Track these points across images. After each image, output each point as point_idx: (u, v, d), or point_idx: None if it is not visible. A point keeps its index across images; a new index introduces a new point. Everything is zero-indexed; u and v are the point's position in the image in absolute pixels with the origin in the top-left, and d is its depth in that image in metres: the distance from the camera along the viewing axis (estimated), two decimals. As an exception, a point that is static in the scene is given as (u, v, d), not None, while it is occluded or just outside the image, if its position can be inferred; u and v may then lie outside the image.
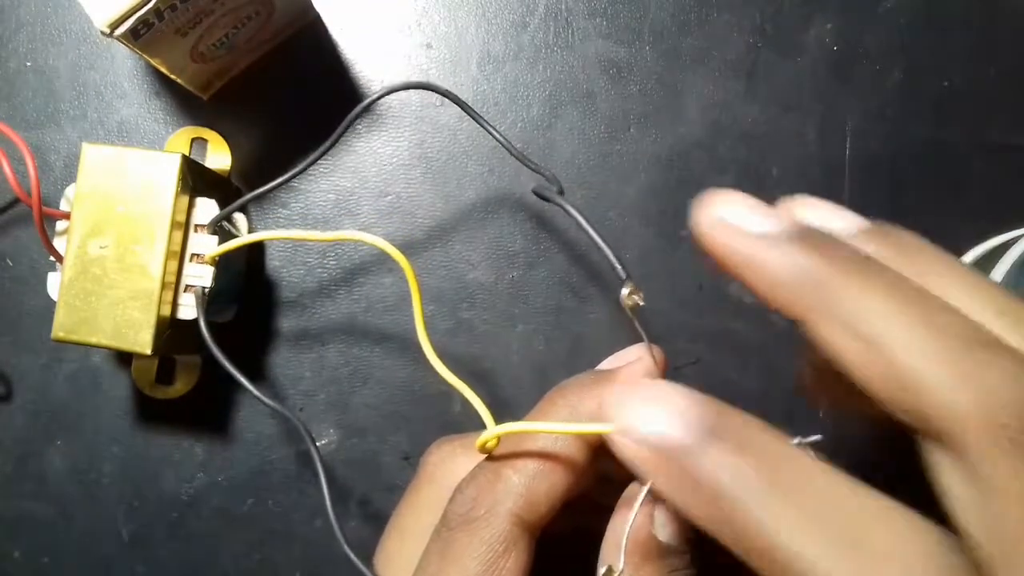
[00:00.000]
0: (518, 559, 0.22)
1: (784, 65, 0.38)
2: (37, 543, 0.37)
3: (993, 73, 0.39)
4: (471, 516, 0.23)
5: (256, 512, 0.37)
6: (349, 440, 0.37)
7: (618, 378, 0.24)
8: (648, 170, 0.38)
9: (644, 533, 0.22)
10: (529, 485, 0.23)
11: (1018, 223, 0.37)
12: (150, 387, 0.36)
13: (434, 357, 0.26)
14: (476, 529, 0.22)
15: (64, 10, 0.38)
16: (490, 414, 0.24)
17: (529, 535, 0.23)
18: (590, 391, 0.24)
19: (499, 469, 0.23)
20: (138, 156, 0.30)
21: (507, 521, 0.22)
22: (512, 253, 0.38)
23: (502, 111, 0.38)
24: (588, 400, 0.24)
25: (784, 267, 0.19)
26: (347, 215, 0.38)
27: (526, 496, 0.23)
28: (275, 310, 0.37)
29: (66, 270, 0.30)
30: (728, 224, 0.20)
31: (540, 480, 0.23)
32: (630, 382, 0.24)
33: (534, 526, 0.23)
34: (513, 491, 0.23)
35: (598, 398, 0.24)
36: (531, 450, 0.23)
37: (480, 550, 0.22)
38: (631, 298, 0.22)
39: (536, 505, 0.23)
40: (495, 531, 0.22)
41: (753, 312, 0.38)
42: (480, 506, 0.23)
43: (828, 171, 0.38)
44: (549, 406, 0.24)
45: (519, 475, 0.23)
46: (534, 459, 0.23)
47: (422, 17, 0.38)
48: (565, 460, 0.23)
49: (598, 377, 0.25)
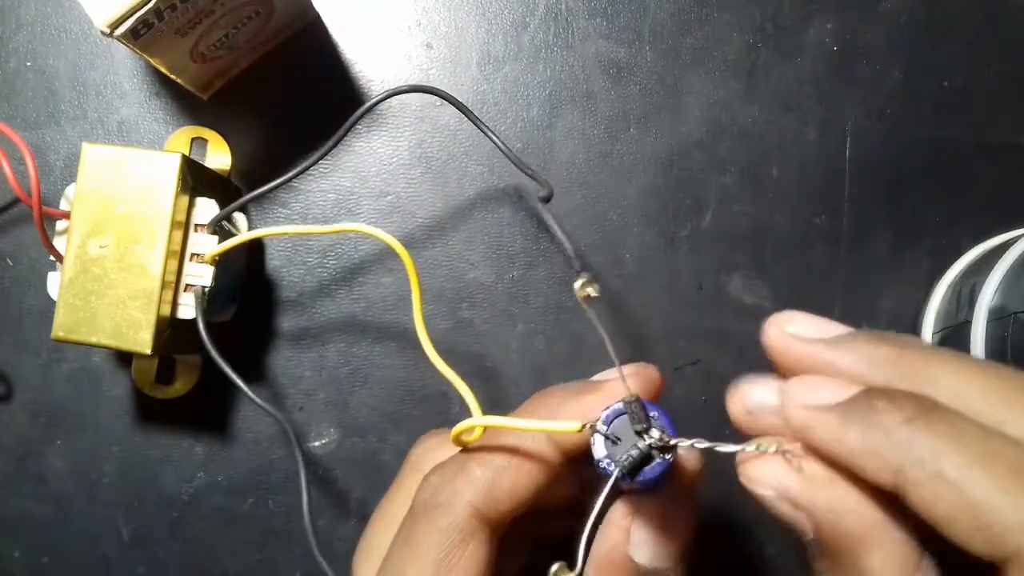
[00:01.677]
0: (476, 550, 0.23)
1: (784, 65, 0.38)
2: (37, 543, 0.37)
3: (993, 73, 0.39)
4: (432, 503, 0.23)
5: (256, 512, 0.37)
6: (349, 440, 0.37)
7: (603, 388, 0.24)
8: (648, 170, 0.38)
9: (619, 554, 0.23)
10: (491, 479, 0.23)
11: (1018, 223, 0.37)
12: (150, 387, 0.36)
13: (429, 345, 0.26)
14: (435, 516, 0.23)
15: (64, 10, 0.38)
16: (479, 405, 0.25)
17: (489, 529, 0.23)
18: (573, 398, 0.24)
19: (465, 461, 0.24)
20: (138, 156, 0.30)
21: (465, 511, 0.23)
22: (512, 253, 0.38)
23: (502, 111, 0.38)
24: (570, 405, 0.24)
25: (868, 440, 0.19)
26: (347, 215, 0.38)
27: (486, 490, 0.23)
28: (275, 310, 0.37)
29: (66, 270, 0.30)
30: (800, 410, 0.21)
31: (503, 475, 0.23)
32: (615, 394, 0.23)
33: (494, 521, 0.23)
34: (474, 483, 0.23)
35: (580, 404, 0.24)
36: (499, 445, 0.24)
37: (437, 537, 0.22)
38: (584, 289, 0.22)
39: (497, 501, 0.23)
40: (452, 520, 0.23)
41: (753, 312, 0.38)
42: (440, 494, 0.23)
43: (828, 171, 0.38)
44: (531, 407, 0.25)
45: (483, 468, 0.23)
46: (500, 454, 0.24)
47: (422, 17, 0.38)
48: (533, 459, 0.23)
49: (582, 386, 0.25)
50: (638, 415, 0.21)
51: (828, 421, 0.20)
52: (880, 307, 0.38)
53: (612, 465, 0.21)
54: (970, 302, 0.34)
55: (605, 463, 0.21)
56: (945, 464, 0.18)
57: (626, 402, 0.22)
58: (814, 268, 0.38)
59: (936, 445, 0.18)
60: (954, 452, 0.18)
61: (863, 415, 0.19)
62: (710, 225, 0.38)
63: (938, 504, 0.18)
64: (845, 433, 0.19)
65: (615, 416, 0.22)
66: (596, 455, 0.22)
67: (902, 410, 0.19)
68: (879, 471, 0.19)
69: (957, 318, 0.35)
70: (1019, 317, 0.31)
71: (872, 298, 0.38)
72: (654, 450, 0.21)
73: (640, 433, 0.21)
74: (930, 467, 0.18)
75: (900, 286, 0.38)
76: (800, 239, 0.38)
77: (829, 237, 0.38)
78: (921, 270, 0.38)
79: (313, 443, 0.37)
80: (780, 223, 0.38)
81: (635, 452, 0.21)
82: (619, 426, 0.22)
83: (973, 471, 0.18)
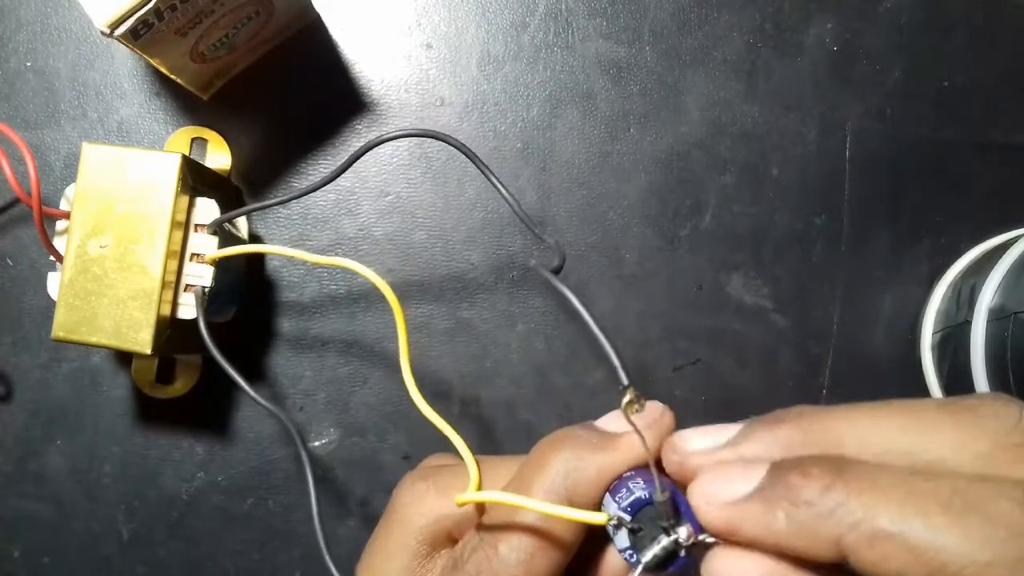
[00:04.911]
0: None
1: (784, 65, 0.38)
2: (37, 543, 0.37)
3: (993, 73, 0.39)
4: None
5: (256, 512, 0.37)
6: (349, 440, 0.37)
7: (619, 446, 0.23)
8: (648, 170, 0.38)
9: None
10: (527, 566, 0.22)
11: (1018, 223, 0.37)
12: (150, 387, 0.36)
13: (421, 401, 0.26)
14: None
15: (64, 10, 0.38)
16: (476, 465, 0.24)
17: None
18: (589, 456, 0.23)
19: (496, 545, 0.23)
20: (138, 156, 0.30)
21: None
22: (512, 253, 0.38)
23: (502, 111, 0.38)
24: (585, 465, 0.23)
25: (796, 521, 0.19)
26: (347, 215, 0.38)
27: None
28: (275, 310, 0.37)
29: (66, 270, 0.30)
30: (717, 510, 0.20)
31: (538, 560, 0.22)
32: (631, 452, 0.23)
33: None
34: (512, 572, 0.22)
35: (597, 466, 0.23)
36: (526, 526, 0.23)
37: None
38: (631, 408, 0.21)
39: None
40: None
41: (753, 312, 0.38)
42: None
43: (828, 171, 0.38)
44: (541, 465, 0.23)
45: (515, 554, 0.23)
46: (529, 537, 0.23)
47: (422, 17, 0.38)
48: (560, 539, 0.23)
49: (598, 440, 0.23)
50: (667, 512, 0.21)
51: (751, 513, 0.19)
52: (880, 307, 0.38)
53: (635, 558, 0.21)
54: (970, 302, 0.34)
55: (628, 555, 0.21)
56: (879, 521, 0.17)
57: (657, 501, 0.21)
58: (814, 268, 0.38)
59: (861, 504, 0.18)
60: (881, 506, 0.17)
61: (783, 495, 0.19)
62: (710, 225, 0.38)
63: (888, 563, 0.17)
64: (772, 521, 0.19)
65: (640, 506, 0.22)
66: (618, 545, 0.22)
67: (818, 479, 0.18)
68: (818, 548, 0.18)
69: (957, 318, 0.35)
70: (1019, 317, 0.31)
71: (872, 298, 0.38)
72: (680, 547, 0.21)
73: (665, 529, 0.21)
74: (865, 528, 0.17)
75: (900, 286, 0.38)
76: (800, 239, 0.38)
77: (829, 237, 0.38)
78: (921, 270, 0.38)
79: (313, 443, 0.37)
80: (780, 223, 0.38)
81: (660, 551, 0.21)
82: (642, 513, 0.22)
83: (907, 520, 0.17)
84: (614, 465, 0.23)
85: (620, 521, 0.21)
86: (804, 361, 0.38)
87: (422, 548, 0.25)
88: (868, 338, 0.38)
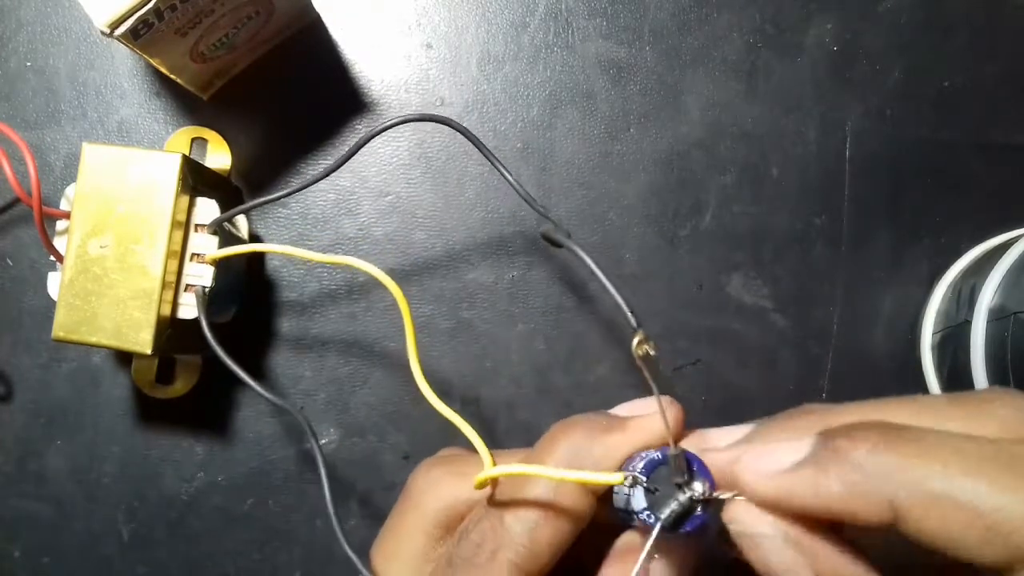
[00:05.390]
0: None
1: (784, 65, 0.38)
2: (37, 543, 0.37)
3: (993, 73, 0.39)
4: (474, 562, 0.23)
5: (256, 512, 0.37)
6: (349, 439, 0.37)
7: (628, 427, 0.24)
8: (648, 170, 0.38)
9: None
10: (531, 535, 0.23)
11: (1018, 223, 0.37)
12: (150, 387, 0.36)
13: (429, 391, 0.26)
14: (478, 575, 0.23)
15: (64, 10, 0.38)
16: (487, 449, 0.24)
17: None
18: (599, 437, 0.23)
19: (502, 515, 0.23)
20: (138, 156, 0.30)
21: (506, 570, 0.22)
22: (512, 253, 0.38)
23: (502, 111, 0.38)
24: (595, 445, 0.23)
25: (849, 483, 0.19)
26: (347, 214, 0.38)
27: (528, 546, 0.23)
28: (275, 310, 0.37)
29: (66, 270, 0.30)
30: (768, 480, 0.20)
31: (542, 530, 0.23)
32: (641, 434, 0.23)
33: (535, 574, 0.23)
34: (515, 541, 0.23)
35: (606, 445, 0.23)
36: (533, 498, 0.23)
37: None
38: (641, 347, 0.21)
39: (538, 556, 0.23)
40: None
41: (753, 312, 0.38)
42: (481, 552, 0.23)
43: (828, 171, 0.38)
44: (553, 444, 0.24)
45: (521, 524, 0.23)
46: (535, 507, 0.23)
47: (422, 17, 0.38)
48: (568, 510, 0.23)
49: (609, 422, 0.24)
50: (681, 468, 0.21)
51: (802, 479, 0.19)
52: (880, 307, 0.38)
53: (653, 518, 0.21)
54: (970, 302, 0.34)
55: (645, 515, 0.21)
56: (934, 483, 0.17)
57: (671, 455, 0.21)
58: (814, 268, 0.38)
59: (914, 465, 0.18)
60: (930, 465, 0.17)
61: (832, 460, 0.19)
62: (710, 225, 0.38)
63: (948, 525, 0.17)
64: (825, 486, 0.19)
65: (654, 466, 0.22)
66: (635, 506, 0.22)
67: (863, 440, 0.18)
68: (870, 511, 0.18)
69: (957, 318, 0.35)
70: (1019, 317, 0.31)
71: (872, 298, 0.38)
72: (696, 503, 0.21)
73: (680, 485, 0.21)
74: (921, 489, 0.17)
75: (900, 286, 0.38)
76: (800, 239, 0.38)
77: (829, 237, 0.38)
78: (921, 270, 0.38)
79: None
80: (780, 223, 0.38)
81: (677, 506, 0.21)
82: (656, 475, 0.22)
83: (963, 480, 0.17)
84: (624, 444, 0.23)
85: (635, 480, 0.22)
86: (804, 361, 0.38)
87: (436, 531, 0.25)
88: (868, 338, 0.38)
